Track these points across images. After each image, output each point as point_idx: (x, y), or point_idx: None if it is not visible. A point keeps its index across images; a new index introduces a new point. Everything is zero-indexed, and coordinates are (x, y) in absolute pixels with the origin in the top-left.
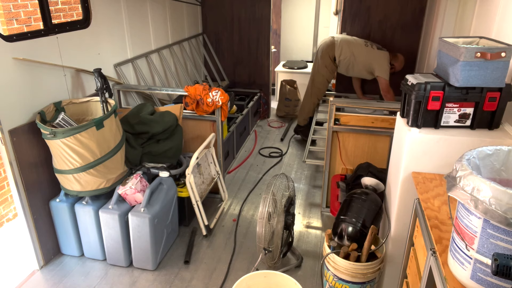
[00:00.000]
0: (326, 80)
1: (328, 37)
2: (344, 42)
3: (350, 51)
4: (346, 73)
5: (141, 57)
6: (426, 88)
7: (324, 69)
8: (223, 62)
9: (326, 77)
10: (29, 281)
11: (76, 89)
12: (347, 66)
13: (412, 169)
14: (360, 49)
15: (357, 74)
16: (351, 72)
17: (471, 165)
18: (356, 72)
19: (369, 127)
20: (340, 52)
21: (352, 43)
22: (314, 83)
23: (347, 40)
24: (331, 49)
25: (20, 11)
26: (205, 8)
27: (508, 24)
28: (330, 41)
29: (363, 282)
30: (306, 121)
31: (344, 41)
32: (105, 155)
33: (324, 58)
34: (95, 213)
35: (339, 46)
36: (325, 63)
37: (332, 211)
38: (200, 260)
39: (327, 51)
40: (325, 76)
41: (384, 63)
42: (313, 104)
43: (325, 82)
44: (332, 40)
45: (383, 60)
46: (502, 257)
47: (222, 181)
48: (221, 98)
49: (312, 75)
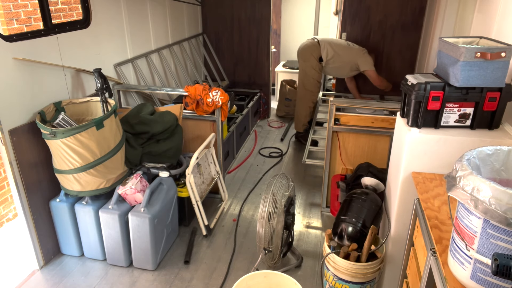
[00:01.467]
0: (317, 81)
1: (309, 40)
2: (327, 42)
3: (334, 51)
4: (335, 74)
5: (141, 57)
6: (426, 88)
7: (312, 70)
8: (223, 62)
9: (316, 78)
10: (29, 281)
11: (76, 89)
12: (334, 67)
13: (412, 169)
14: (343, 48)
15: (346, 73)
16: (340, 73)
17: (471, 165)
18: (344, 71)
19: (369, 127)
20: (326, 52)
21: (335, 43)
22: (305, 87)
23: (329, 41)
24: (314, 50)
25: (20, 11)
26: (205, 8)
27: (508, 24)
28: (311, 43)
29: (363, 282)
30: (306, 126)
31: (326, 42)
32: (105, 155)
33: (310, 59)
34: (95, 213)
35: (324, 47)
36: (311, 64)
37: (332, 211)
38: (200, 260)
39: (310, 53)
40: (315, 77)
41: (366, 56)
42: (309, 108)
43: (316, 83)
44: (314, 41)
45: (365, 55)
46: (502, 257)
47: (222, 181)
48: (221, 98)
49: (301, 80)
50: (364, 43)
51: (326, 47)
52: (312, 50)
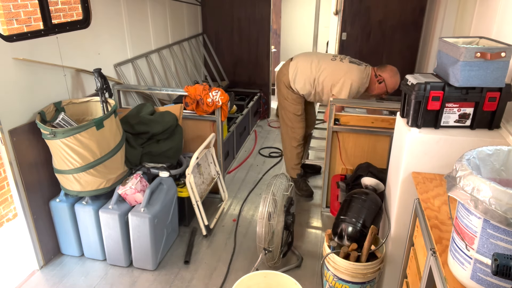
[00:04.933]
0: (293, 115)
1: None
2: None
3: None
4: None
5: (141, 57)
6: (426, 88)
7: (285, 102)
8: (223, 62)
9: (292, 111)
10: (29, 281)
11: (76, 89)
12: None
13: (412, 169)
14: (325, 64)
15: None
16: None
17: (471, 165)
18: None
19: (369, 127)
20: (294, 71)
21: (310, 58)
22: (284, 121)
23: (304, 56)
24: (284, 74)
25: (20, 11)
26: (205, 8)
27: (508, 24)
28: (284, 65)
29: (363, 282)
30: (299, 170)
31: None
32: (105, 155)
33: (280, 87)
34: (95, 213)
35: (292, 66)
36: (282, 94)
37: (332, 211)
38: (200, 260)
39: (280, 78)
40: (290, 110)
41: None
42: (294, 148)
43: (293, 117)
44: (287, 62)
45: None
46: (502, 257)
47: (222, 181)
48: (221, 98)
49: (279, 112)
50: (364, 43)
51: (294, 65)
52: (282, 74)
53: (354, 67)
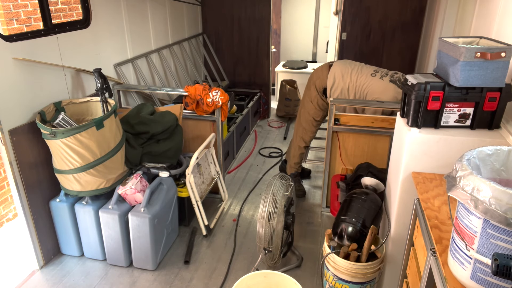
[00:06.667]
0: (312, 119)
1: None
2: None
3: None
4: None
5: (141, 57)
6: (426, 88)
7: (309, 104)
8: (223, 62)
9: (312, 114)
10: (29, 281)
11: (76, 89)
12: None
13: (412, 169)
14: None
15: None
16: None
17: (471, 165)
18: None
19: (369, 127)
20: (333, 79)
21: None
22: (300, 119)
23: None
24: (318, 77)
25: (20, 11)
26: (205, 8)
27: (508, 24)
28: (321, 66)
29: (363, 282)
30: (293, 170)
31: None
32: (105, 155)
33: (310, 88)
34: (95, 213)
35: (332, 73)
36: (310, 95)
37: (332, 211)
38: (200, 260)
39: (313, 80)
40: (311, 113)
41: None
42: (298, 147)
43: (311, 120)
44: (326, 65)
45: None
46: (502, 257)
47: (222, 181)
48: (221, 98)
49: (299, 109)
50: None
51: (334, 73)
52: (317, 77)
53: (391, 88)
